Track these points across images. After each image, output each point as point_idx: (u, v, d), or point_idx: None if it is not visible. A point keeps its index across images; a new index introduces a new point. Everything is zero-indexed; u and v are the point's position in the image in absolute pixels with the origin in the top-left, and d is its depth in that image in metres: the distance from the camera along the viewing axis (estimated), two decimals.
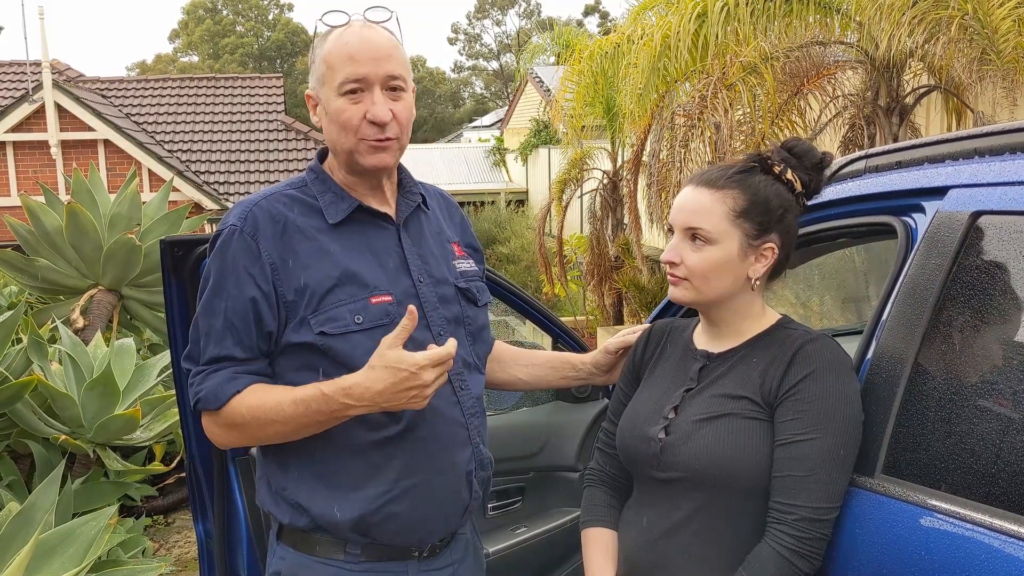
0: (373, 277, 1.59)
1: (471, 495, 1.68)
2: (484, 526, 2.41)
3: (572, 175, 11.68)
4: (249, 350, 1.56)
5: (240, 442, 1.61)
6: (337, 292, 1.56)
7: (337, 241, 1.60)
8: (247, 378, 1.55)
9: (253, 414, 1.53)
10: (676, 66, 6.86)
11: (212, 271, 1.58)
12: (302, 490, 1.59)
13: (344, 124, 1.57)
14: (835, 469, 1.45)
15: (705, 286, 1.57)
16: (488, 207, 20.14)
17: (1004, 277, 1.42)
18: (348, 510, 1.57)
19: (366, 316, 1.56)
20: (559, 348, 2.51)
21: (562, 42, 14.69)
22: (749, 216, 1.54)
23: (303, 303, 1.55)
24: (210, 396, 1.54)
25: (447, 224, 1.81)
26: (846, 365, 1.51)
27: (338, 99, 1.56)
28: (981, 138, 1.57)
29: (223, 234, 1.58)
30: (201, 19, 50.83)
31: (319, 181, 1.66)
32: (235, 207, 1.62)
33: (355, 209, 1.62)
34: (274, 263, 1.55)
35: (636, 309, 10.71)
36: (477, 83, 55.54)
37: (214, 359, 1.56)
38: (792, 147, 1.62)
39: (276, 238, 1.56)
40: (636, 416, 1.66)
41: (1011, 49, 4.98)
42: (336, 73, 1.56)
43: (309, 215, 1.61)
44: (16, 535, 2.64)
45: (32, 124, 13.37)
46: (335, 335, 1.54)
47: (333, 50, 1.57)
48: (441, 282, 1.68)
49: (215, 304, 1.55)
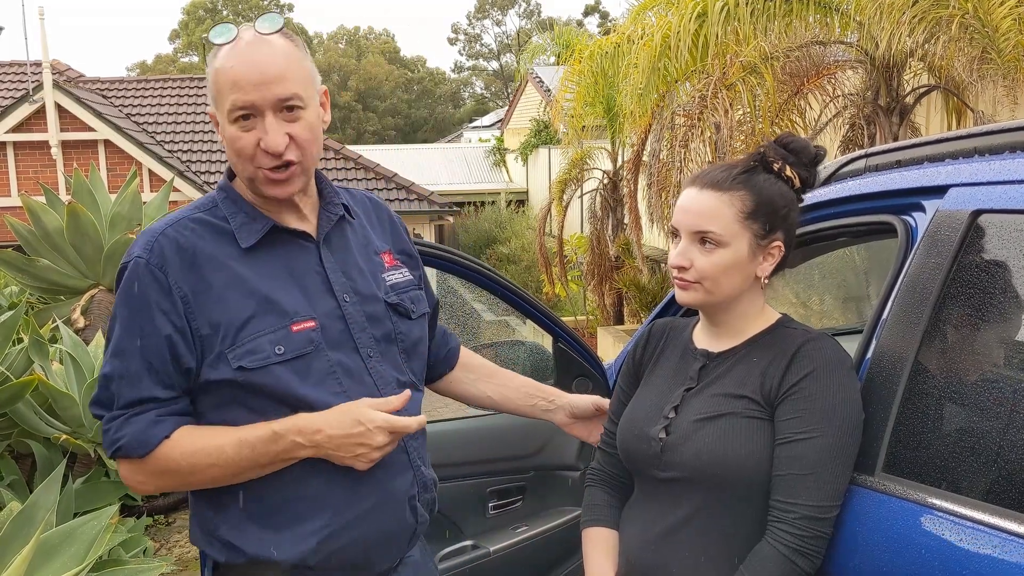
0: (292, 303, 1.49)
1: (417, 519, 1.60)
2: (485, 525, 2.42)
3: (572, 175, 11.68)
4: (171, 388, 1.45)
5: (165, 488, 1.50)
6: (255, 323, 1.45)
7: (251, 267, 1.49)
8: (173, 420, 1.45)
9: (189, 460, 1.44)
10: (676, 66, 6.86)
11: (120, 309, 1.46)
12: (235, 530, 1.50)
13: (238, 152, 1.45)
14: (836, 467, 1.45)
15: (716, 288, 1.56)
16: (488, 207, 20.14)
17: (1004, 275, 1.42)
18: (286, 550, 1.48)
19: (288, 346, 1.46)
20: (560, 348, 2.52)
21: (562, 42, 14.71)
22: (757, 216, 1.55)
23: (218, 337, 1.44)
24: (134, 443, 1.43)
25: (376, 233, 1.69)
26: (846, 364, 1.51)
27: (230, 125, 1.44)
28: (981, 137, 1.57)
29: (128, 268, 1.46)
30: (201, 19, 50.82)
31: (229, 201, 1.53)
32: (139, 237, 1.50)
33: (270, 230, 1.51)
34: (185, 296, 1.44)
35: (636, 309, 10.71)
36: (477, 83, 55.55)
37: (132, 403, 1.44)
38: (788, 143, 1.62)
39: (185, 269, 1.45)
40: (636, 416, 1.66)
41: (1012, 48, 4.98)
42: (224, 98, 1.43)
43: (220, 241, 1.49)
44: (17, 534, 2.64)
45: (32, 124, 13.36)
46: (254, 368, 1.44)
47: (220, 71, 1.44)
48: (369, 299, 1.58)
49: (127, 344, 1.44)
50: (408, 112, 50.21)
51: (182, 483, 1.48)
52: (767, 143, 1.63)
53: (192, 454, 1.44)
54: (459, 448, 2.39)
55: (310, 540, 1.49)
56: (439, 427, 2.45)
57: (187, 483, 1.49)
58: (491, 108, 46.05)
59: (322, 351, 1.49)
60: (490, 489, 2.43)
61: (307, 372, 1.48)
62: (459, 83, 55.48)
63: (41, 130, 13.30)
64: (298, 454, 1.45)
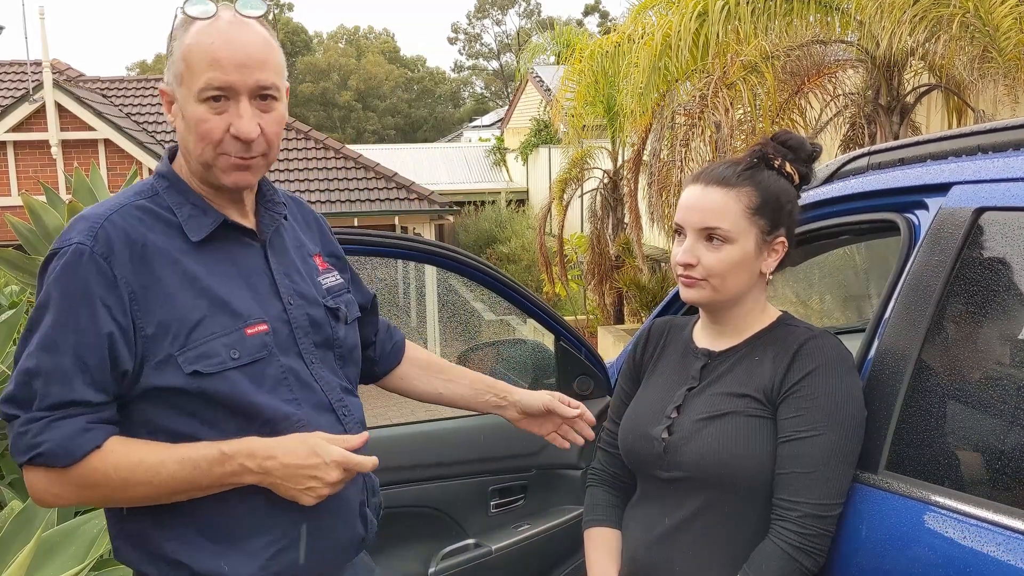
0: (245, 305, 1.39)
1: (366, 527, 1.54)
2: (487, 524, 2.41)
3: (573, 174, 11.68)
4: (104, 392, 1.31)
5: (83, 503, 1.36)
6: (208, 323, 1.35)
7: (202, 263, 1.38)
8: (103, 428, 1.31)
9: (121, 474, 1.30)
10: (677, 65, 6.87)
11: (53, 298, 1.30)
12: (182, 546, 1.38)
13: (204, 135, 1.35)
14: (838, 465, 1.45)
15: (723, 286, 1.55)
16: (488, 207, 20.14)
17: (1007, 273, 1.42)
18: (236, 564, 1.38)
19: (242, 350, 1.36)
20: (562, 346, 2.51)
21: (562, 41, 14.69)
22: (763, 212, 1.55)
23: (167, 338, 1.33)
24: (58, 451, 1.27)
25: (306, 235, 1.60)
26: (848, 362, 1.51)
27: (197, 105, 1.34)
28: (984, 135, 1.57)
29: (67, 254, 1.31)
30: None
31: (173, 190, 1.42)
32: (77, 221, 1.35)
33: (220, 225, 1.41)
34: (132, 291, 1.32)
35: (637, 308, 10.71)
36: (477, 83, 55.55)
37: (59, 404, 1.28)
38: (785, 140, 1.61)
39: (134, 261, 1.33)
40: (638, 416, 1.66)
41: (1012, 47, 4.98)
42: (196, 76, 1.33)
43: (167, 232, 1.38)
44: (18, 533, 2.64)
45: (32, 124, 13.36)
46: (210, 374, 1.33)
47: (195, 47, 1.33)
48: (312, 303, 1.50)
49: (60, 338, 1.29)
50: (408, 111, 50.21)
51: (105, 499, 1.36)
52: (765, 140, 1.63)
53: (126, 468, 1.31)
54: (460, 447, 2.39)
55: (263, 551, 1.40)
56: (440, 426, 2.45)
57: (110, 499, 1.36)
58: (491, 107, 46.06)
59: (275, 356, 1.41)
60: (492, 488, 2.42)
61: (261, 378, 1.39)
62: (459, 82, 55.49)
63: (41, 129, 13.31)
64: (243, 479, 1.34)
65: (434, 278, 12.04)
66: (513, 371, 2.66)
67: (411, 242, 2.32)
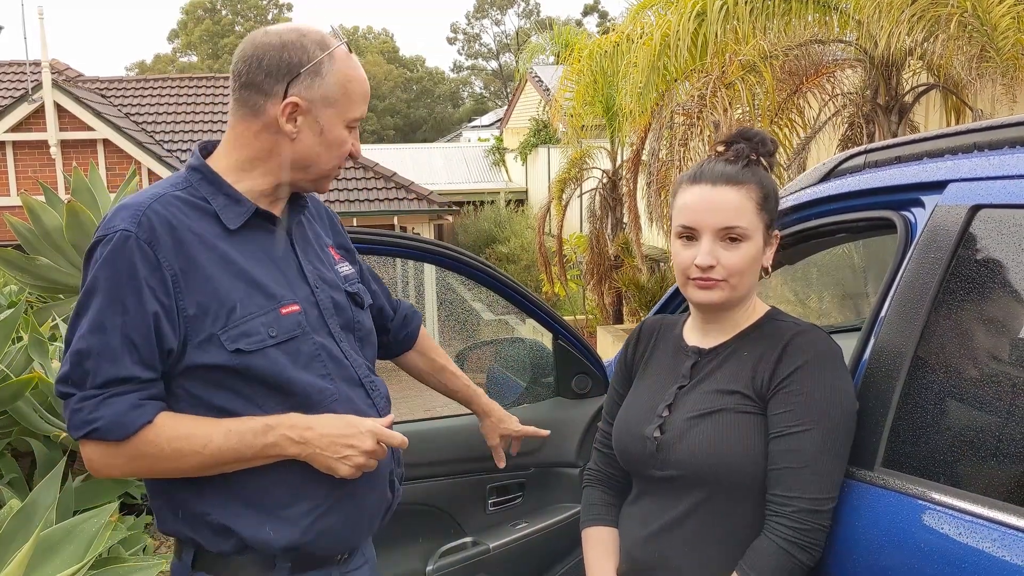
0: (278, 287, 1.51)
1: (393, 494, 1.66)
2: (485, 522, 2.42)
3: (572, 174, 11.68)
4: (152, 369, 1.41)
5: (136, 475, 1.47)
6: (246, 304, 1.45)
7: (236, 249, 1.49)
8: (154, 405, 1.42)
9: (174, 446, 1.41)
10: (675, 65, 6.86)
11: (101, 282, 1.40)
12: (228, 514, 1.48)
13: (340, 152, 1.55)
14: (831, 459, 1.45)
15: (740, 284, 1.55)
16: (488, 207, 20.13)
17: (1003, 270, 1.42)
18: (281, 529, 1.49)
19: (279, 328, 1.47)
20: (560, 345, 2.52)
21: (561, 41, 14.69)
22: (766, 207, 1.55)
23: (208, 318, 1.43)
24: (112, 426, 1.38)
25: (321, 227, 1.74)
26: (836, 355, 1.51)
27: (343, 129, 1.54)
28: (980, 132, 1.57)
29: (113, 240, 1.40)
30: (200, 19, 50.81)
31: (207, 183, 1.52)
32: (120, 209, 1.45)
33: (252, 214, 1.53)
34: (175, 274, 1.41)
35: (636, 308, 10.71)
36: (476, 83, 55.53)
37: (111, 381, 1.39)
38: (752, 136, 1.60)
39: (175, 246, 1.42)
40: (630, 415, 1.66)
41: (1010, 46, 4.98)
42: (352, 106, 1.54)
43: (203, 220, 1.48)
44: (17, 532, 2.64)
45: (32, 124, 13.37)
46: (252, 351, 1.44)
47: (354, 81, 1.54)
48: (334, 287, 1.63)
49: (108, 320, 1.39)
50: (407, 111, 50.19)
51: (155, 470, 1.45)
52: (733, 135, 1.60)
53: (176, 440, 1.41)
54: (458, 445, 2.39)
55: (305, 518, 1.50)
56: (438, 424, 2.45)
57: (161, 470, 1.45)
58: (490, 107, 46.04)
59: (308, 334, 1.52)
60: (490, 486, 2.43)
61: (297, 355, 1.49)
62: (458, 83, 55.46)
63: (40, 129, 13.31)
64: (285, 450, 1.45)
65: (433, 277, 12.05)
66: (511, 369, 2.67)
67: (410, 241, 2.32)
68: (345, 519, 1.55)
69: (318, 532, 1.51)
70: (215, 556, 1.51)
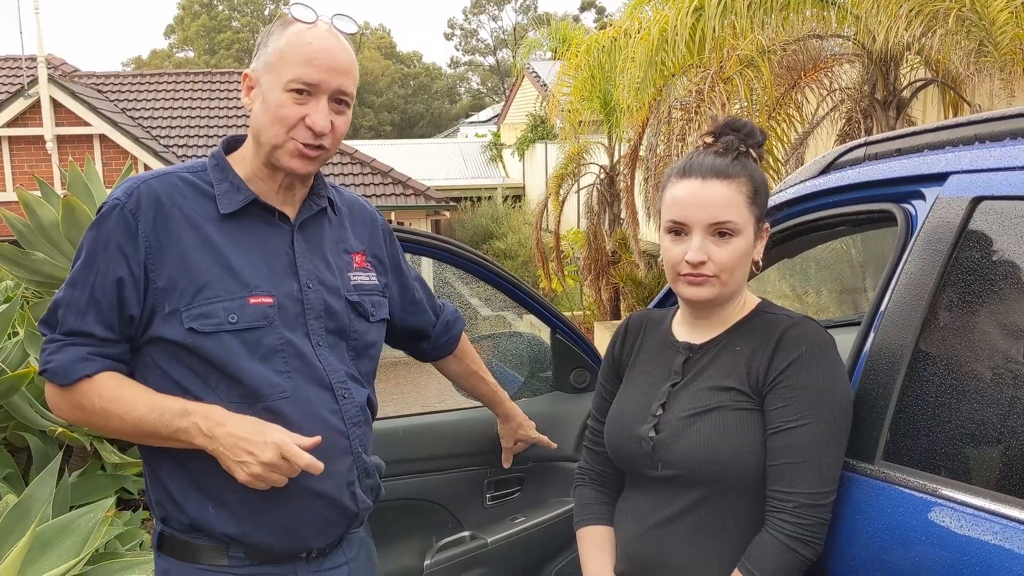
0: (254, 276, 1.53)
1: (357, 505, 1.62)
2: (483, 516, 2.41)
3: (569, 170, 11.67)
4: (109, 330, 1.50)
5: (77, 423, 1.56)
6: (214, 286, 1.49)
7: (225, 234, 1.54)
8: (100, 362, 1.50)
9: (104, 405, 1.48)
10: (673, 60, 6.85)
11: (86, 243, 1.52)
12: (179, 490, 1.54)
13: (280, 118, 1.51)
14: (829, 453, 1.44)
15: (732, 279, 1.52)
16: (485, 202, 20.14)
17: (1004, 262, 1.42)
18: (220, 515, 1.52)
19: (241, 316, 1.50)
20: (558, 339, 2.51)
21: (559, 37, 14.68)
22: (757, 200, 1.53)
23: (176, 293, 1.49)
24: (59, 370, 1.49)
25: (355, 234, 1.73)
26: (830, 346, 1.50)
27: (282, 93, 1.51)
28: (981, 124, 1.57)
29: (105, 207, 1.52)
30: (197, 14, 50.69)
31: (218, 169, 1.59)
32: (125, 181, 1.56)
33: (250, 203, 1.56)
34: (150, 245, 1.49)
35: (633, 304, 10.72)
36: (474, 78, 55.50)
37: (72, 332, 1.50)
38: (740, 127, 1.57)
39: (158, 219, 1.50)
40: (623, 415, 1.63)
41: (1008, 41, 4.98)
42: (287, 68, 1.50)
43: (200, 201, 1.54)
44: (13, 527, 2.63)
45: (27, 119, 13.33)
46: (206, 333, 1.48)
47: (292, 44, 1.51)
48: (332, 291, 1.62)
49: (83, 277, 1.50)
50: (404, 107, 50.16)
51: (92, 424, 1.54)
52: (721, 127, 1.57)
53: (109, 400, 1.48)
54: (456, 440, 2.38)
55: (239, 509, 1.52)
56: (436, 419, 2.45)
57: (95, 426, 1.54)
58: (487, 103, 46.01)
59: (276, 328, 1.52)
60: (488, 480, 2.42)
61: (256, 346, 1.51)
62: (455, 78, 55.43)
63: (36, 125, 13.27)
64: (194, 439, 1.46)
65: (430, 272, 12.03)
66: (510, 364, 2.66)
67: (408, 234, 2.31)
68: (290, 519, 1.54)
69: (255, 525, 1.53)
70: (174, 539, 1.57)
